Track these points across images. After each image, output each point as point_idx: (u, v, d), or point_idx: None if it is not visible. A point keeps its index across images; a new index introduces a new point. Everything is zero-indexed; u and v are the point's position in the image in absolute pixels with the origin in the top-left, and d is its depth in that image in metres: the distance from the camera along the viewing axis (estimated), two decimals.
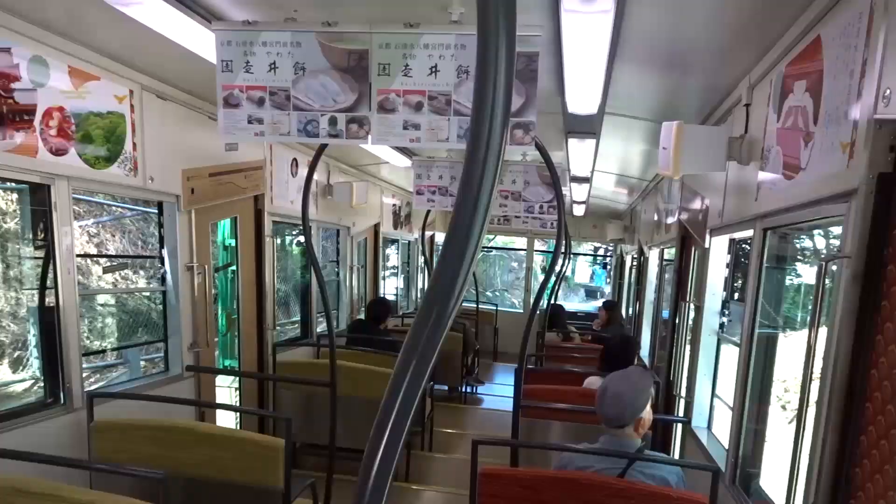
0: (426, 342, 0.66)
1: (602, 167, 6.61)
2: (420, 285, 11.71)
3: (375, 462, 0.69)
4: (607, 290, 14.32)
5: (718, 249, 3.86)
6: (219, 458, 3.12)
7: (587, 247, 15.14)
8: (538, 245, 13.52)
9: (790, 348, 3.17)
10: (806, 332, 2.02)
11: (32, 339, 3.59)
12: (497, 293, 15.19)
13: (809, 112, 2.23)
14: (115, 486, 2.82)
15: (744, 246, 3.82)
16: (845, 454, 1.84)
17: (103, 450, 3.19)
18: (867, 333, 1.78)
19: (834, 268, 2.00)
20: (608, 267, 14.90)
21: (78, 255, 3.53)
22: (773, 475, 3.00)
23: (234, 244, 5.26)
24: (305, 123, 2.88)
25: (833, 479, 1.88)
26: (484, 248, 14.85)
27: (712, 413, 4.00)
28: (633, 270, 9.67)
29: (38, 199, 3.30)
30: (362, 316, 7.94)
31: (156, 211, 4.31)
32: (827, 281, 1.94)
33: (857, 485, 1.80)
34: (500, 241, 14.65)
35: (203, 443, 3.13)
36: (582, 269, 16.40)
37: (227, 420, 5.51)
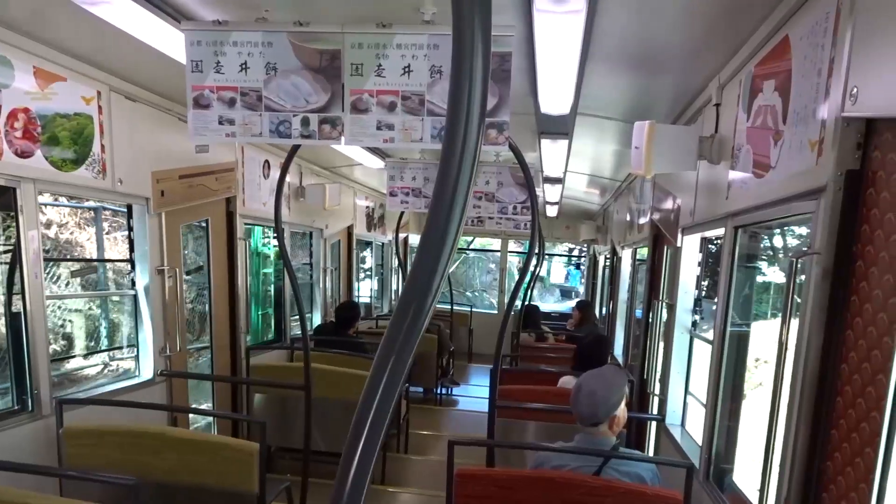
0: (402, 342, 0.66)
1: (575, 168, 6.66)
2: (394, 287, 11.68)
3: (353, 462, 0.69)
4: (582, 290, 14.44)
5: (690, 248, 3.90)
6: (192, 463, 3.08)
7: (562, 248, 15.25)
8: (514, 246, 13.58)
9: (761, 344, 3.21)
10: (774, 327, 2.05)
11: None
12: (476, 293, 15.35)
13: (779, 111, 2.27)
14: (86, 493, 2.77)
15: (709, 247, 3.87)
16: (816, 448, 1.87)
17: (74, 456, 3.13)
18: (837, 329, 1.81)
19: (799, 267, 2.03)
20: (581, 267, 15.01)
21: (45, 259, 3.45)
22: (746, 470, 3.04)
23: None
24: (277, 124, 2.85)
25: (805, 472, 1.91)
26: (463, 249, 15.00)
27: (686, 410, 4.04)
28: (606, 270, 9.76)
29: (3, 203, 3.23)
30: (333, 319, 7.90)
31: (125, 211, 4.25)
32: (797, 277, 1.97)
33: (828, 478, 1.82)
34: (478, 242, 14.76)
35: (176, 448, 3.09)
36: (557, 270, 16.54)
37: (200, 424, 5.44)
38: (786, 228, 3.25)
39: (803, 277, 1.99)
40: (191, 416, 4.99)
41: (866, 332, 1.66)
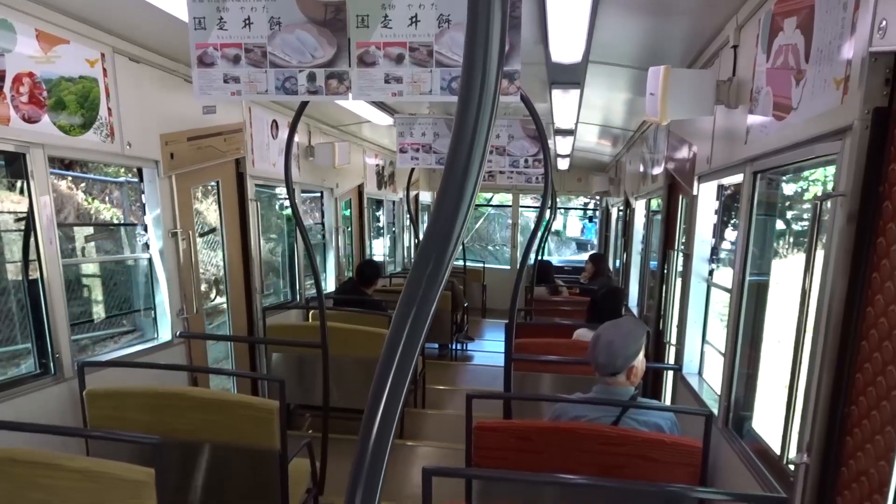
0: (423, 295, 0.64)
1: (586, 119, 6.55)
2: (407, 244, 11.68)
3: (376, 420, 0.68)
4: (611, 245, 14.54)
5: (707, 196, 3.84)
6: (214, 422, 3.12)
7: (579, 202, 15.25)
8: (529, 201, 13.53)
9: (780, 288, 3.16)
10: (794, 268, 2.01)
11: None
12: (497, 247, 15.70)
13: (801, 49, 2.19)
14: (111, 454, 2.81)
15: (723, 193, 3.81)
16: (840, 393, 1.85)
17: (97, 418, 3.18)
18: (862, 271, 1.77)
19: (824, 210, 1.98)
20: (594, 220, 15.01)
21: (59, 225, 3.45)
22: (766, 417, 3.04)
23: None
24: (283, 80, 2.80)
25: (828, 417, 1.89)
26: (482, 205, 15.08)
27: (703, 359, 4.03)
28: (620, 222, 9.69)
29: (14, 170, 3.22)
30: (349, 274, 7.93)
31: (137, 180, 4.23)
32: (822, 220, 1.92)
33: (852, 422, 1.81)
34: (498, 199, 14.92)
35: (198, 408, 3.13)
36: (574, 224, 16.70)
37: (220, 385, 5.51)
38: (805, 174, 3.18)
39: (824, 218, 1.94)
40: (210, 378, 5.05)
41: (893, 273, 1.62)
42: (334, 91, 2.76)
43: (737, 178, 3.15)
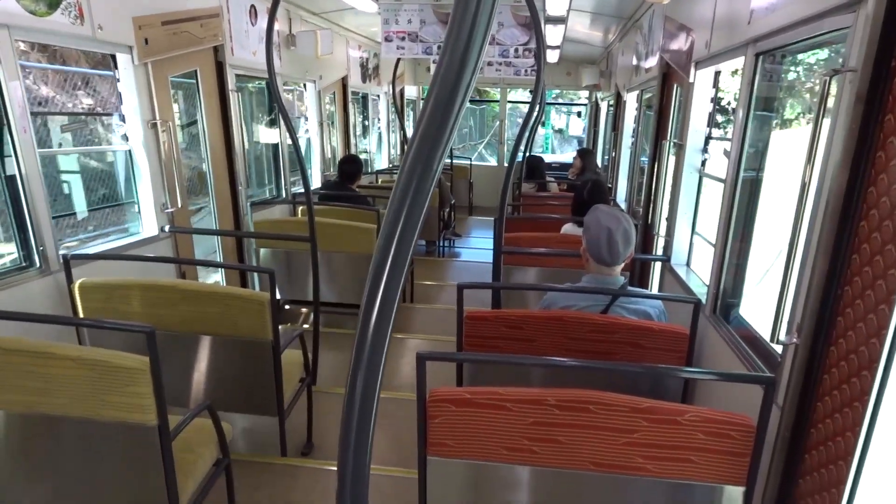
0: (415, 191, 0.64)
1: (579, 6, 6.29)
2: (392, 141, 11.48)
3: (375, 306, 0.66)
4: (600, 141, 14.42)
5: (703, 83, 3.73)
6: (206, 314, 3.12)
7: (583, 98, 14.95)
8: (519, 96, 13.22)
9: (776, 175, 3.12)
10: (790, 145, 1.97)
11: None
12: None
13: None
14: (103, 345, 2.82)
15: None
16: (835, 274, 1.85)
17: (88, 311, 3.18)
18: (867, 151, 1.73)
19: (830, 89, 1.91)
20: (581, 115, 14.78)
21: (33, 113, 3.30)
22: (754, 303, 3.08)
23: None
24: None
25: (821, 298, 1.90)
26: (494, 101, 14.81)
27: (692, 250, 4.05)
28: (610, 116, 9.53)
29: None
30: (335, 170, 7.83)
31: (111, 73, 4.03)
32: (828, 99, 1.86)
33: (846, 302, 1.82)
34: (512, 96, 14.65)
35: (190, 299, 3.12)
36: (576, 122, 16.54)
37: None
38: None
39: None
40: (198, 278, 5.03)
41: None
42: None
43: (737, 63, 3.04)
